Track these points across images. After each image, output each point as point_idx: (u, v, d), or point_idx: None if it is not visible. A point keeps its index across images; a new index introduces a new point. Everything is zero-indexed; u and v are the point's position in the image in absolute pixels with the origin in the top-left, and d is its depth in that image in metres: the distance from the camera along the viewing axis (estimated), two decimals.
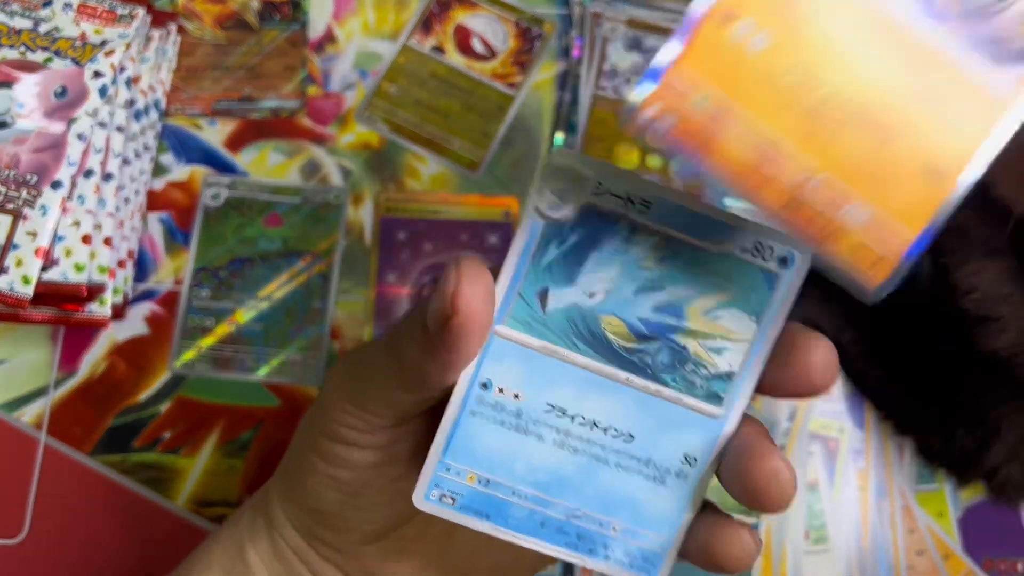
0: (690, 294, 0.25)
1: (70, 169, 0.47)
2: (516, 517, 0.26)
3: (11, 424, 0.49)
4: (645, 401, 0.25)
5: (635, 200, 0.24)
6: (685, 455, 0.26)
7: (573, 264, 0.25)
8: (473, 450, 0.25)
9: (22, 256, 0.46)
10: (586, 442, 0.25)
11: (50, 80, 0.49)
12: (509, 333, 0.25)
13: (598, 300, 0.25)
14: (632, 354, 0.25)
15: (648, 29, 0.57)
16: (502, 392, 0.25)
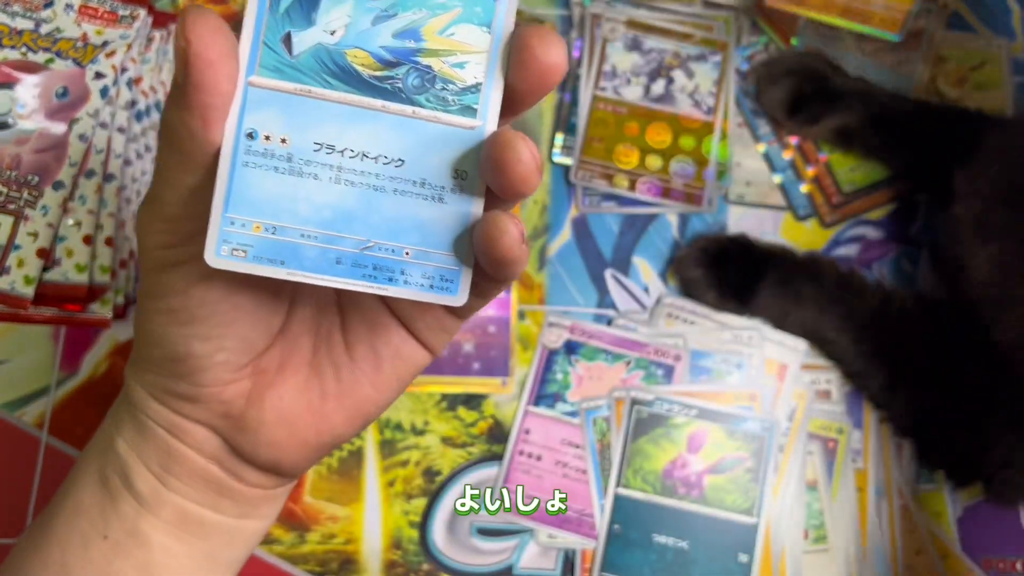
0: (423, 16, 0.26)
1: (71, 170, 0.47)
2: (310, 258, 0.26)
3: (12, 424, 0.49)
4: (406, 124, 0.26)
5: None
6: (455, 169, 0.27)
7: (308, 6, 0.26)
8: (253, 200, 0.26)
9: (23, 256, 0.46)
10: (360, 174, 0.26)
11: (51, 81, 0.49)
12: (263, 82, 0.26)
13: (339, 36, 0.26)
14: (383, 82, 0.26)
15: (648, 30, 0.57)
16: (268, 139, 0.26)
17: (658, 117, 0.56)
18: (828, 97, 0.54)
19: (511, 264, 0.26)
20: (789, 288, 0.50)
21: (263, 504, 0.32)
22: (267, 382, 0.30)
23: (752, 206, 0.55)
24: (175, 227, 0.27)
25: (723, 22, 0.58)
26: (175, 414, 0.30)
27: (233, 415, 0.30)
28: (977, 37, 0.60)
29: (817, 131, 0.55)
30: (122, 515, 0.30)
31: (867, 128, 0.54)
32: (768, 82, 0.56)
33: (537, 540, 0.49)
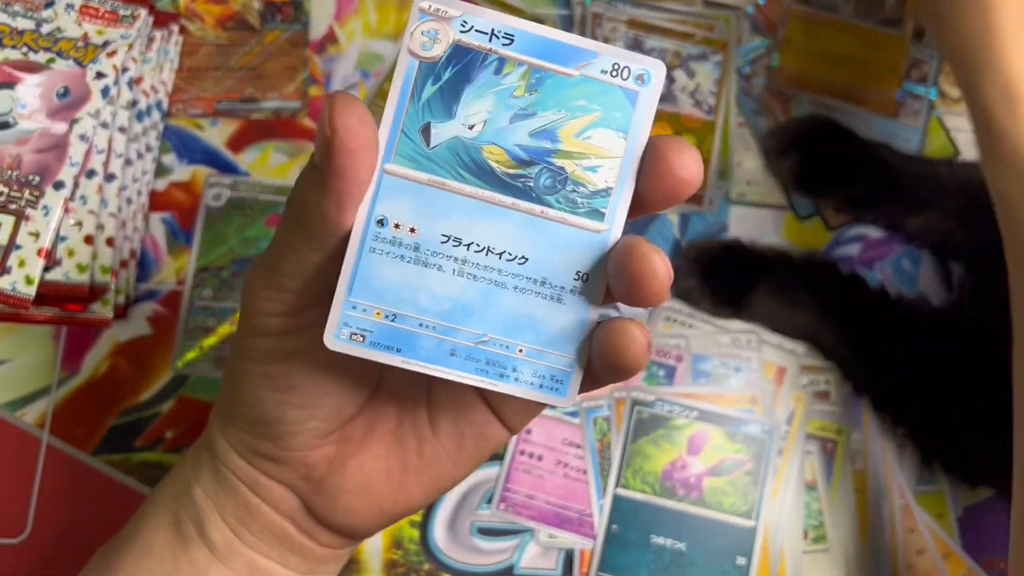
0: (561, 118, 0.27)
1: (72, 169, 0.47)
2: (426, 348, 0.27)
3: (13, 424, 0.49)
4: (533, 223, 0.27)
5: (499, 34, 0.26)
6: (577, 271, 0.27)
7: (450, 99, 0.26)
8: (377, 286, 0.26)
9: (25, 256, 0.46)
10: (483, 268, 0.27)
11: (52, 81, 0.49)
12: (398, 170, 0.26)
13: (477, 131, 0.26)
14: (515, 179, 0.27)
15: (649, 29, 0.57)
16: (398, 227, 0.26)
17: (659, 117, 0.55)
18: (838, 166, 0.53)
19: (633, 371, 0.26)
20: (784, 295, 0.49)
21: (330, 562, 0.33)
22: (351, 449, 0.30)
23: (753, 206, 0.55)
24: (288, 298, 0.27)
25: (724, 22, 0.58)
26: (257, 471, 0.30)
27: (314, 479, 0.30)
28: None
29: (826, 202, 0.54)
30: (193, 561, 0.31)
31: (879, 200, 0.53)
32: (777, 154, 0.55)
33: (537, 540, 0.49)
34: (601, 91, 0.27)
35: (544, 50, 0.27)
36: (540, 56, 0.26)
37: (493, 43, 0.26)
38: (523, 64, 0.26)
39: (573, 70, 0.27)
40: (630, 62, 0.27)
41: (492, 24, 0.26)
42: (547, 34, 0.26)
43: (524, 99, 0.27)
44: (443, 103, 0.26)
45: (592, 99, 0.27)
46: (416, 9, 0.26)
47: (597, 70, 0.27)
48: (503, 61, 0.26)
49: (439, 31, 0.26)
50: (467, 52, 0.26)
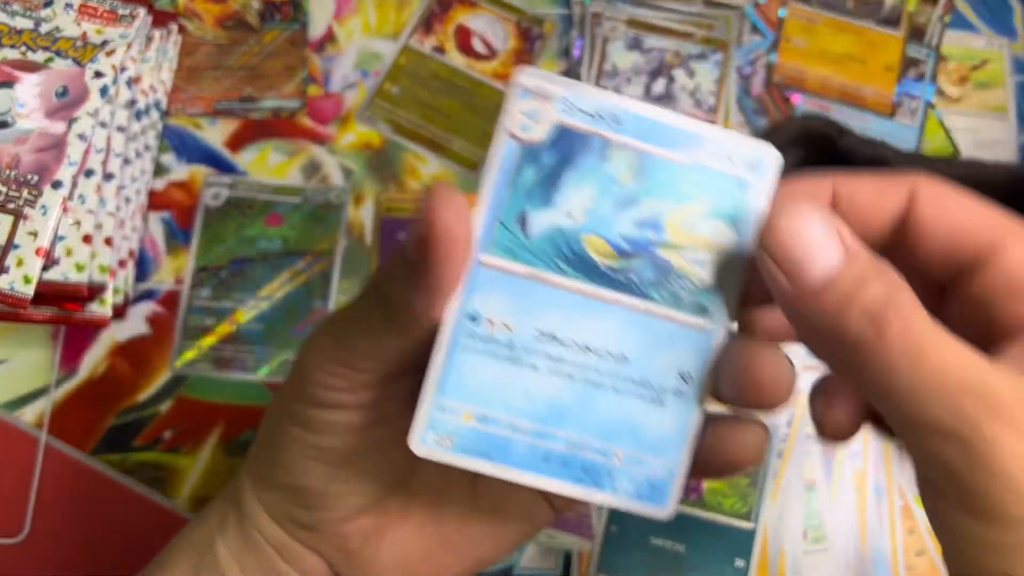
0: (668, 207, 0.25)
1: (71, 169, 0.47)
2: (518, 454, 0.25)
3: (12, 424, 0.49)
4: (635, 320, 0.25)
5: (605, 116, 0.24)
6: (680, 372, 0.25)
7: (550, 185, 0.24)
8: (467, 386, 0.24)
9: (23, 256, 0.46)
10: (581, 367, 0.25)
11: (51, 80, 0.49)
12: (494, 262, 0.24)
13: (579, 220, 0.25)
14: (617, 272, 0.25)
15: (648, 29, 0.57)
16: (491, 324, 0.24)
17: None
18: (836, 163, 0.53)
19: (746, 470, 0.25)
20: None
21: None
22: (388, 523, 0.29)
23: None
24: (357, 377, 0.26)
25: (724, 21, 0.58)
26: (289, 537, 0.29)
27: (348, 550, 0.29)
28: (978, 36, 0.60)
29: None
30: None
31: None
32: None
33: (536, 540, 0.49)
34: (710, 178, 0.24)
35: (651, 133, 0.24)
36: (647, 139, 0.24)
37: (598, 125, 0.24)
38: (629, 148, 0.24)
39: (681, 155, 0.24)
40: (741, 148, 0.25)
41: (597, 105, 0.24)
42: (654, 116, 0.24)
43: (629, 186, 0.24)
44: (543, 190, 0.24)
45: (701, 187, 0.25)
46: (516, 86, 0.24)
47: (707, 155, 0.25)
48: (608, 144, 0.24)
49: (540, 111, 0.24)
50: (570, 135, 0.24)
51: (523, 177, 0.24)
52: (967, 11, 0.60)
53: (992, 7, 0.61)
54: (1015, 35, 0.60)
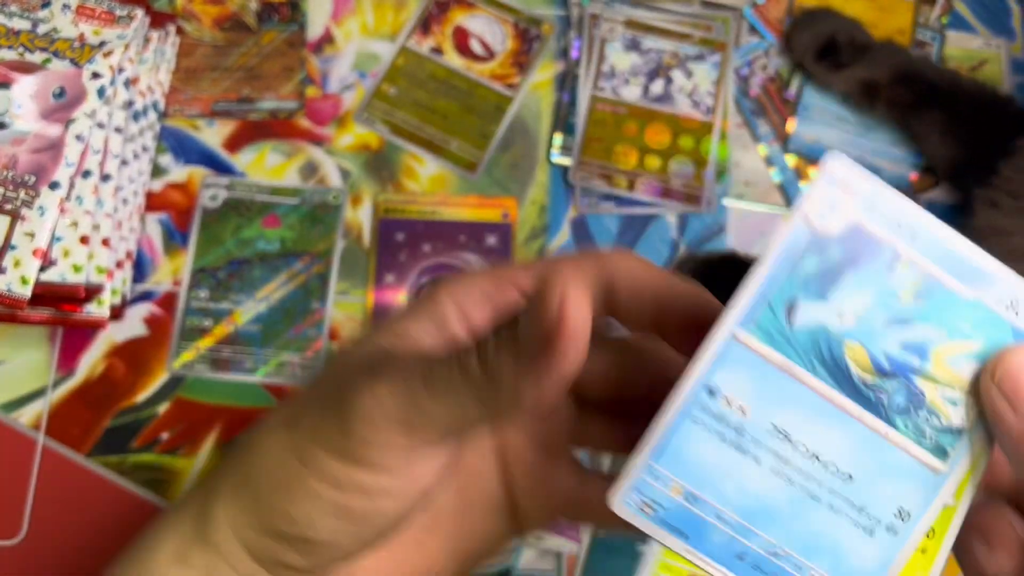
0: (938, 337, 0.23)
1: (68, 170, 0.47)
2: (715, 543, 0.24)
3: (9, 425, 0.49)
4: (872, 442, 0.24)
5: (904, 227, 0.23)
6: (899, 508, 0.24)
7: (829, 281, 0.23)
8: (685, 460, 0.24)
9: (20, 257, 0.46)
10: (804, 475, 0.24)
11: (48, 81, 0.49)
12: (751, 342, 0.23)
13: (847, 324, 0.23)
14: (869, 388, 0.24)
15: (646, 30, 0.57)
16: (729, 403, 0.23)
17: (657, 117, 0.55)
18: (859, 48, 0.54)
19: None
20: None
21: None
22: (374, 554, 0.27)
23: (751, 206, 0.55)
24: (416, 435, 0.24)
25: (722, 22, 0.58)
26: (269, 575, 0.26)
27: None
28: (977, 37, 0.60)
29: (843, 79, 0.55)
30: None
31: (896, 84, 0.53)
32: (801, 28, 0.56)
33: (526, 542, 0.48)
34: (989, 321, 0.23)
35: (944, 257, 0.23)
36: (938, 263, 0.23)
37: (895, 234, 0.23)
38: (918, 267, 0.23)
39: (967, 288, 0.23)
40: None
41: (901, 214, 0.23)
42: (952, 241, 0.23)
43: (907, 305, 0.23)
44: (820, 283, 0.23)
45: (977, 326, 0.23)
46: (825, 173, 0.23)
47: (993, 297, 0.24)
48: (898, 257, 0.23)
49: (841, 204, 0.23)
50: (863, 236, 0.23)
51: (804, 265, 0.23)
52: (965, 12, 0.60)
53: (990, 8, 0.61)
54: (1014, 36, 0.60)
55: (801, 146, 0.57)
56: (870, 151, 0.57)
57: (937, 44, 0.59)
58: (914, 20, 0.59)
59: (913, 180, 0.56)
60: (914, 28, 0.59)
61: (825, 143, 0.57)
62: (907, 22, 0.59)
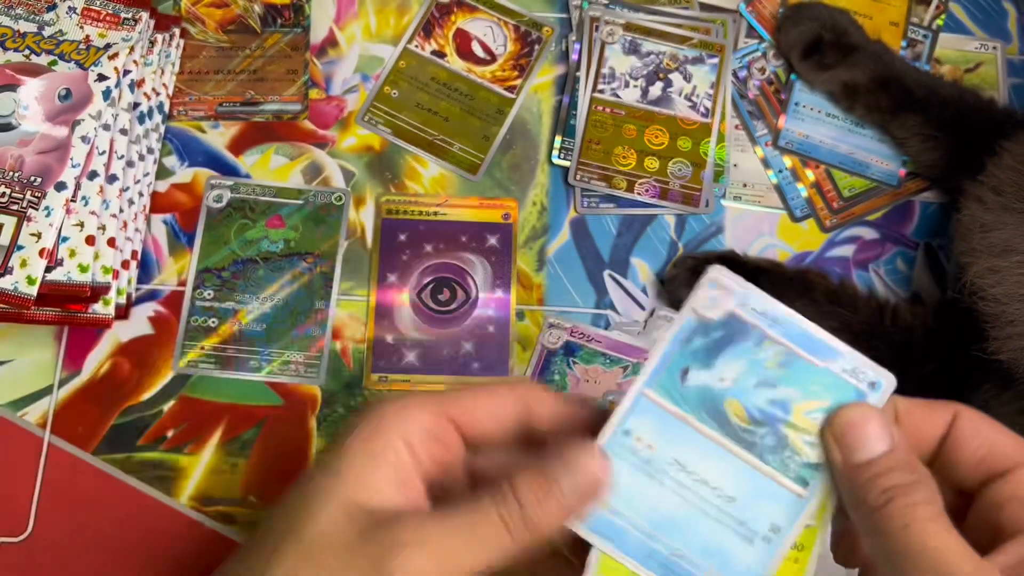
0: (797, 396, 0.32)
1: (74, 171, 0.48)
2: (632, 546, 0.31)
3: (15, 423, 0.49)
4: (748, 472, 0.32)
5: (768, 316, 0.32)
6: (772, 524, 0.31)
7: (712, 353, 0.32)
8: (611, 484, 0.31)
9: (26, 257, 0.46)
10: (697, 496, 0.31)
11: (54, 83, 0.49)
12: (654, 396, 0.32)
13: (726, 385, 0.32)
14: (745, 433, 0.32)
15: (646, 33, 0.58)
16: (639, 441, 0.31)
17: (656, 119, 0.56)
18: (844, 49, 0.55)
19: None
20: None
21: None
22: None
23: (749, 207, 0.56)
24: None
25: (720, 25, 0.58)
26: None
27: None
28: (973, 39, 0.60)
29: (826, 79, 0.56)
30: None
31: (875, 89, 0.54)
32: (790, 23, 0.57)
33: None
34: (836, 385, 0.31)
35: (800, 339, 0.32)
36: (795, 342, 0.32)
37: (761, 321, 0.32)
38: (780, 344, 0.32)
39: (820, 361, 0.32)
40: (867, 368, 0.32)
41: (765, 308, 0.32)
42: (807, 328, 0.32)
43: (772, 371, 0.32)
44: (705, 355, 0.32)
45: (827, 388, 0.32)
46: (707, 278, 0.32)
47: (839, 367, 0.32)
48: (764, 337, 0.32)
49: (721, 300, 0.32)
50: (738, 322, 0.32)
51: (693, 342, 0.32)
52: (961, 14, 0.61)
53: (986, 10, 0.61)
54: (1009, 38, 0.61)
55: (792, 141, 0.57)
56: (860, 147, 0.57)
57: (928, 43, 0.59)
58: (907, 13, 0.60)
59: (902, 175, 0.57)
60: (907, 21, 0.60)
61: (815, 139, 0.57)
62: (900, 15, 0.59)
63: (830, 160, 0.57)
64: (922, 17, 0.60)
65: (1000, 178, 0.45)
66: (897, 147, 0.56)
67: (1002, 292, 0.43)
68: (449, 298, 0.52)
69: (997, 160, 0.46)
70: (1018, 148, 0.46)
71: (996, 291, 0.43)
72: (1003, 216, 0.44)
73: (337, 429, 0.50)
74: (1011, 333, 0.42)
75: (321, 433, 0.50)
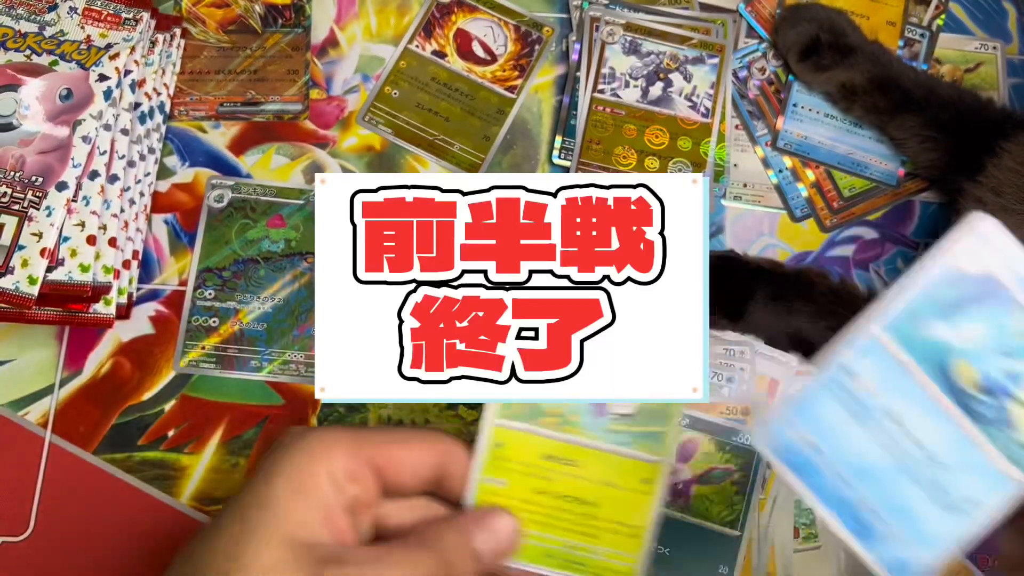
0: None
1: (75, 171, 0.48)
2: (823, 487, 0.30)
3: (17, 423, 0.49)
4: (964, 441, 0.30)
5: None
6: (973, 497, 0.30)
7: (958, 308, 0.30)
8: (816, 417, 0.30)
9: (28, 256, 0.46)
10: (904, 452, 0.30)
11: (55, 83, 0.49)
12: (886, 339, 0.30)
13: (965, 345, 0.30)
14: (971, 399, 0.30)
15: (646, 33, 0.58)
16: (858, 382, 0.30)
17: (656, 119, 0.56)
18: (842, 50, 0.55)
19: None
20: (780, 304, 0.49)
21: None
22: None
23: (749, 207, 0.56)
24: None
25: (720, 25, 0.58)
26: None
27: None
28: (973, 39, 0.60)
29: (823, 80, 0.56)
30: None
31: (873, 89, 0.54)
32: (788, 25, 0.57)
33: None
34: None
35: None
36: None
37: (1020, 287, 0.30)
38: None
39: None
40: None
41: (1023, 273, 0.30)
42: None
43: (1016, 343, 0.30)
44: (951, 309, 0.30)
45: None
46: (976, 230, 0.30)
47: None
48: (1018, 306, 0.30)
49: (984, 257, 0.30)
50: (993, 283, 0.30)
51: (943, 292, 0.30)
52: (961, 14, 0.61)
53: (986, 10, 0.61)
54: (1009, 38, 0.61)
55: (791, 143, 0.57)
56: (859, 148, 0.57)
57: (926, 42, 0.59)
58: (904, 13, 0.60)
59: (901, 175, 0.57)
60: (904, 21, 0.60)
61: (814, 140, 0.57)
62: (897, 15, 0.59)
63: (829, 161, 0.57)
64: (921, 17, 0.60)
65: (999, 179, 0.45)
66: (896, 148, 0.56)
67: None
68: None
69: (997, 161, 0.46)
70: (1018, 149, 0.46)
71: None
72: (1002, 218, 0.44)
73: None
74: None
75: None
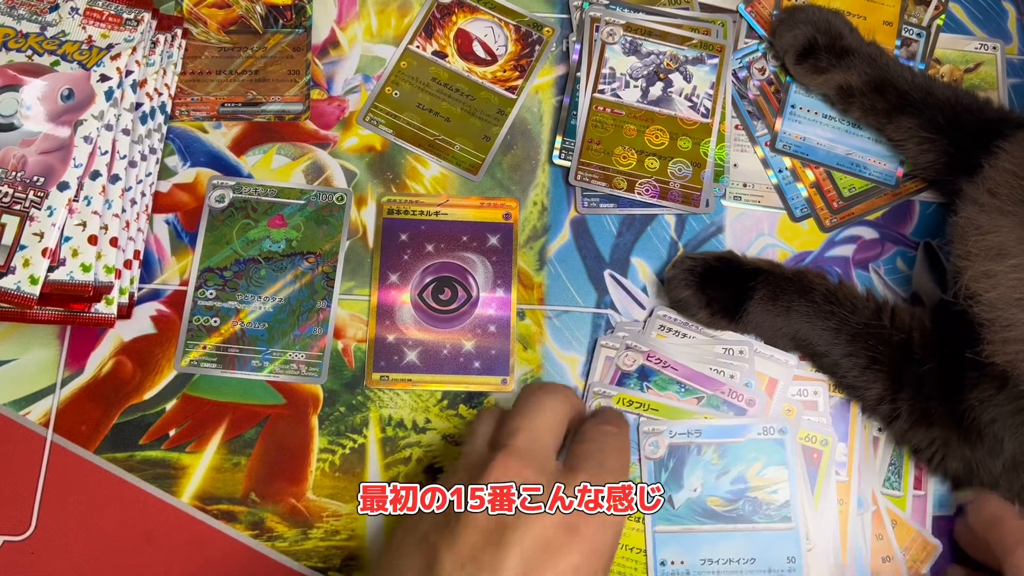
0: (744, 467, 0.46)
1: (76, 171, 0.48)
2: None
3: (18, 422, 0.49)
4: (750, 536, 0.45)
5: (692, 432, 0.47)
6: (788, 556, 0.45)
7: (678, 476, 0.46)
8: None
9: (29, 256, 0.46)
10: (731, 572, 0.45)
11: (57, 83, 0.49)
12: (663, 529, 0.46)
13: (699, 491, 0.46)
14: (730, 512, 0.45)
15: (646, 33, 0.58)
16: (672, 563, 0.45)
17: (656, 119, 0.56)
18: (839, 53, 0.55)
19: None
20: (778, 304, 0.49)
21: None
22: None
23: (749, 207, 0.56)
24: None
25: (720, 25, 0.59)
26: None
27: None
28: (972, 39, 0.60)
29: (821, 83, 0.56)
30: None
31: (870, 91, 0.54)
32: (785, 27, 0.57)
33: None
34: (762, 446, 0.47)
35: (721, 432, 0.47)
36: (719, 437, 0.47)
37: (691, 437, 0.47)
38: (711, 444, 0.47)
39: (742, 439, 0.47)
40: (773, 424, 0.47)
41: (687, 427, 0.47)
42: (720, 422, 0.47)
43: (719, 464, 0.46)
44: (675, 480, 0.46)
45: (758, 451, 0.47)
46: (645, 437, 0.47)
47: (755, 433, 0.47)
48: (699, 448, 0.47)
49: (660, 442, 0.47)
50: (678, 448, 0.47)
51: (662, 477, 0.46)
52: (961, 14, 0.61)
53: (986, 10, 0.61)
54: (1009, 38, 0.61)
55: (789, 144, 0.57)
56: (857, 148, 0.57)
57: (923, 42, 0.59)
58: (900, 14, 0.60)
59: (899, 176, 0.57)
60: (901, 21, 0.60)
61: (812, 141, 0.57)
62: (894, 15, 0.60)
63: (828, 162, 0.57)
64: (921, 17, 0.60)
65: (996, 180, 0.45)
66: (895, 149, 0.56)
67: (996, 297, 0.43)
68: (450, 297, 0.52)
69: (994, 162, 0.46)
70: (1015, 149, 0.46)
71: (991, 296, 0.43)
72: (998, 219, 0.44)
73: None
74: (1006, 337, 0.43)
75: (323, 432, 0.50)
